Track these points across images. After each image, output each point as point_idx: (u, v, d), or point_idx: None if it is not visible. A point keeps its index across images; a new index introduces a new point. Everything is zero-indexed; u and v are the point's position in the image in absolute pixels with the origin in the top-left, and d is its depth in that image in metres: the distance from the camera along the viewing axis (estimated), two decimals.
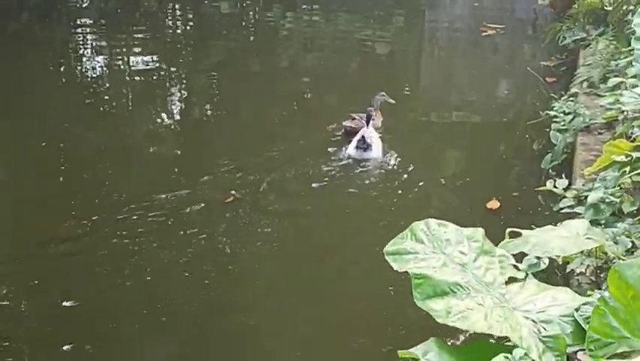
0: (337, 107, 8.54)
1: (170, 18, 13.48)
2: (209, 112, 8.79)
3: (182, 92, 9.70)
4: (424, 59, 10.34)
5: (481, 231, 2.53)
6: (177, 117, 8.67)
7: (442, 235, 2.47)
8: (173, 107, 9.11)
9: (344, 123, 7.82)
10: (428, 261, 2.36)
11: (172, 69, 10.27)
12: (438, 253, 2.40)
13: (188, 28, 13.09)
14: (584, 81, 6.99)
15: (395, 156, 7.33)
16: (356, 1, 13.62)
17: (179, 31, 12.82)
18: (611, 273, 2.01)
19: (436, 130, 8.22)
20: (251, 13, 13.52)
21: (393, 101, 8.06)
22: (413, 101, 9.23)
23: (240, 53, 11.31)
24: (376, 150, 7.42)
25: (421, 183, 6.72)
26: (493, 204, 6.29)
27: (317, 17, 13.08)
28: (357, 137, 7.38)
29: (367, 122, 7.51)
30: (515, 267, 2.44)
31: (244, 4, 13.83)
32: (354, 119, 7.79)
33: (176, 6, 14.06)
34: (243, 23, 13.06)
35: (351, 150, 7.38)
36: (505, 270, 2.39)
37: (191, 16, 13.66)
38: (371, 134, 7.46)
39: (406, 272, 2.34)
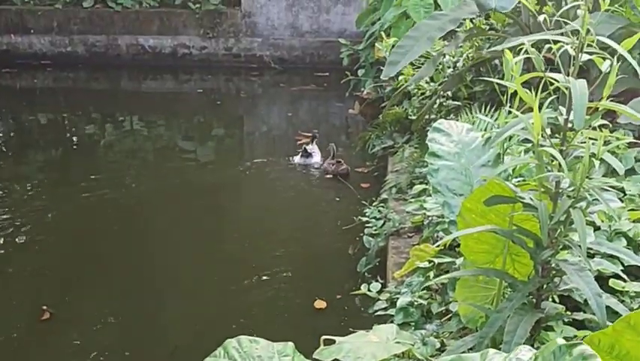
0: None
1: None
2: (27, 226, 8.45)
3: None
4: (244, 168, 10.56)
5: (290, 345, 2.65)
6: None
7: (254, 351, 2.56)
8: None
9: (304, 146, 10.49)
10: None
11: None
12: None
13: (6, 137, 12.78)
14: (393, 187, 7.33)
15: None
16: (174, 110, 13.94)
17: None
18: None
19: (265, 231, 8.38)
20: (72, 122, 13.48)
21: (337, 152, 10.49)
22: (238, 204, 9.47)
23: (60, 162, 11.26)
24: (317, 158, 10.35)
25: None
26: (320, 304, 6.52)
27: (137, 127, 13.25)
28: (302, 149, 10.34)
29: (312, 141, 10.59)
30: None
31: (63, 115, 13.81)
32: (307, 137, 10.76)
33: None
34: (67, 134, 12.97)
35: (297, 158, 10.41)
36: None
37: (11, 125, 13.38)
38: (312, 147, 10.45)
39: None
